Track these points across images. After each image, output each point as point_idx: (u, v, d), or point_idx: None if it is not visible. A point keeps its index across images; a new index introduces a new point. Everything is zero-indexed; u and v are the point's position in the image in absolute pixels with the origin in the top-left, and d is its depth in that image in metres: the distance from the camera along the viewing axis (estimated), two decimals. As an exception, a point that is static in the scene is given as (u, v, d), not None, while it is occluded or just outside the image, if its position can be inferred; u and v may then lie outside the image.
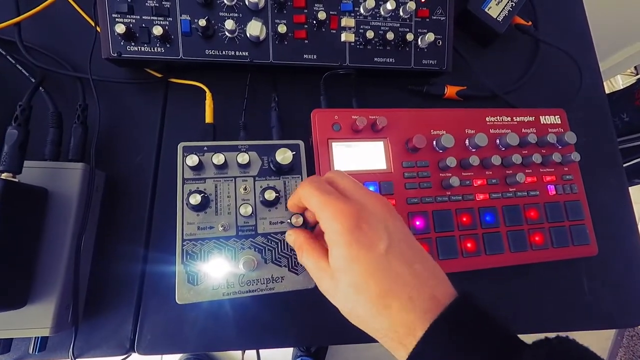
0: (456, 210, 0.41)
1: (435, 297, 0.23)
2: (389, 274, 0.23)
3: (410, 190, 0.40)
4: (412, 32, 0.42)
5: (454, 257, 0.39)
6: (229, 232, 0.34)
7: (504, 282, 0.43)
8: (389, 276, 0.23)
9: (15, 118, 0.30)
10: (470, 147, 0.42)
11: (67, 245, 0.31)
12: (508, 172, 0.43)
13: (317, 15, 0.38)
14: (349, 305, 0.25)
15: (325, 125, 0.40)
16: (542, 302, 0.43)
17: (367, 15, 0.41)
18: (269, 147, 0.37)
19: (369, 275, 0.23)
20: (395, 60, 0.42)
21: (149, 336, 0.35)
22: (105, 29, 0.35)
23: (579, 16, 0.58)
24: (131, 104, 0.41)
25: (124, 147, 0.39)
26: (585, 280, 0.45)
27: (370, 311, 0.23)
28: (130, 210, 0.37)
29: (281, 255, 0.34)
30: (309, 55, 0.40)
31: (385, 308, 0.23)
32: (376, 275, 0.23)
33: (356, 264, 0.23)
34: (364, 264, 0.23)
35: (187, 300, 0.32)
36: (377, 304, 0.23)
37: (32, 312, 0.29)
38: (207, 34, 0.37)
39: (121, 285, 0.35)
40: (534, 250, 0.41)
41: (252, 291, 0.33)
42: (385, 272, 0.23)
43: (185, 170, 0.34)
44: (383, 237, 0.24)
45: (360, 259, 0.23)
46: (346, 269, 0.24)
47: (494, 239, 0.41)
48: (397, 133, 0.41)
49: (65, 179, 0.33)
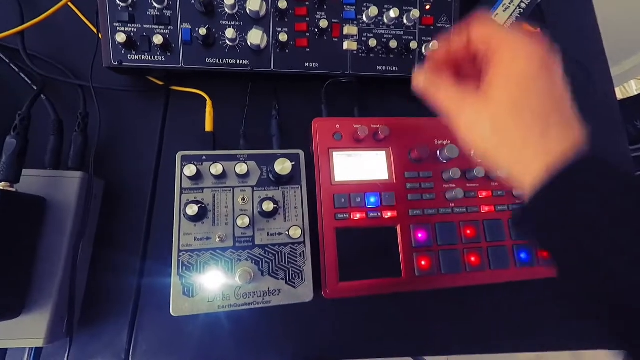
0: (460, 223, 0.40)
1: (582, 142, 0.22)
2: (558, 102, 0.23)
3: (412, 202, 0.39)
4: (416, 40, 0.41)
5: (457, 272, 0.38)
6: (226, 244, 0.33)
7: (507, 298, 0.41)
8: (557, 103, 0.23)
9: (14, 127, 0.30)
10: (475, 158, 0.41)
11: (64, 255, 0.31)
12: (514, 183, 0.41)
13: (319, 23, 0.38)
14: (499, 125, 0.23)
15: (326, 135, 0.39)
16: (545, 318, 0.41)
17: (370, 23, 0.40)
18: (268, 157, 0.36)
19: (540, 95, 0.23)
20: (398, 68, 0.42)
21: (145, 347, 0.34)
22: (107, 37, 0.35)
23: (589, 21, 0.57)
24: (132, 112, 0.41)
25: (124, 155, 0.39)
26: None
27: (524, 132, 0.22)
28: (128, 219, 0.37)
29: (278, 267, 0.34)
30: (311, 64, 0.40)
31: (542, 132, 0.22)
32: (546, 97, 0.23)
33: (532, 82, 0.23)
34: (541, 83, 0.23)
35: (182, 312, 0.31)
36: (535, 125, 0.22)
37: (27, 322, 0.29)
38: (208, 43, 0.37)
39: (117, 295, 0.35)
40: (541, 265, 0.40)
41: (249, 304, 0.32)
42: (556, 98, 0.23)
43: (184, 180, 0.34)
44: (560, 73, 0.23)
45: (540, 77, 0.23)
46: (517, 84, 0.23)
47: (499, 253, 0.39)
48: (399, 143, 0.40)
49: (64, 188, 0.33)
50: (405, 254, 0.38)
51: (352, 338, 0.38)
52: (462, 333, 0.40)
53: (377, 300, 0.39)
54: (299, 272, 0.34)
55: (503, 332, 0.40)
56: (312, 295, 0.34)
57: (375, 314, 0.39)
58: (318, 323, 0.37)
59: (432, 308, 0.40)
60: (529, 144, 0.23)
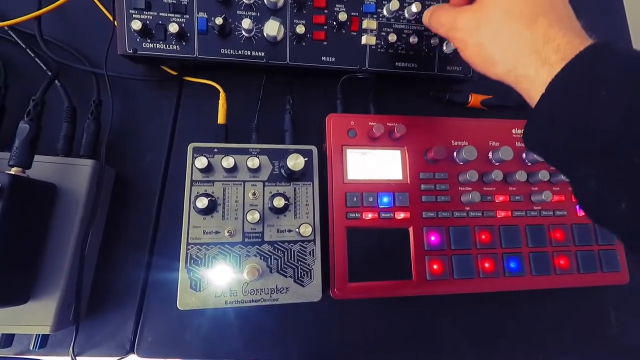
0: (475, 228, 0.38)
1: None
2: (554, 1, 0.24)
3: (426, 204, 0.38)
4: (437, 37, 0.39)
5: (470, 277, 0.37)
6: (234, 238, 0.33)
7: (519, 307, 0.40)
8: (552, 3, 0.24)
9: (28, 112, 0.30)
10: (493, 161, 0.40)
11: (73, 242, 0.31)
12: (533, 189, 0.40)
13: (337, 16, 0.37)
14: (494, 27, 0.25)
15: (340, 131, 0.38)
16: (561, 331, 0.40)
17: (391, 17, 0.39)
18: (281, 152, 0.35)
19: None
20: (417, 65, 0.40)
21: (150, 339, 0.34)
22: (122, 24, 0.35)
23: (618, 19, 0.54)
24: (145, 101, 0.40)
25: (136, 144, 0.39)
26: (612, 310, 0.41)
27: (517, 27, 0.23)
28: (138, 209, 0.37)
29: (287, 265, 0.33)
30: (327, 58, 0.39)
31: (533, 22, 0.23)
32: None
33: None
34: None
35: (188, 306, 0.31)
36: (526, 19, 0.23)
37: (35, 308, 0.29)
38: (224, 33, 0.36)
39: (124, 285, 0.35)
40: (557, 274, 0.38)
41: (256, 301, 0.32)
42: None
43: (194, 172, 0.33)
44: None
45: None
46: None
47: (514, 260, 0.38)
48: (415, 142, 0.39)
49: (75, 175, 0.32)
50: (416, 257, 0.37)
51: (358, 342, 0.37)
52: (472, 340, 0.39)
53: (385, 304, 0.38)
54: (308, 271, 0.33)
55: (516, 342, 0.39)
56: (320, 294, 0.33)
57: (383, 318, 0.38)
58: (330, 322, 0.37)
59: (443, 314, 0.39)
60: (525, 43, 0.23)
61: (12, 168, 0.28)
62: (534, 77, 0.23)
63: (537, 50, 0.22)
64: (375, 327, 0.38)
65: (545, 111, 0.22)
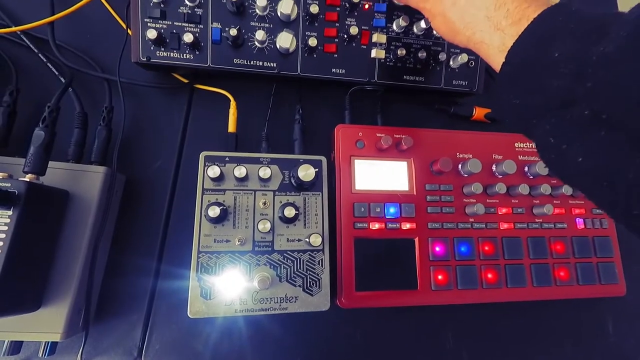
0: (478, 239, 0.39)
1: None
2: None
3: (431, 215, 0.39)
4: (444, 52, 0.40)
5: (473, 288, 0.38)
6: (245, 247, 0.33)
7: (519, 317, 0.41)
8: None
9: (43, 119, 0.30)
10: (496, 174, 0.41)
11: (84, 249, 0.31)
12: (535, 202, 0.41)
13: (348, 29, 0.38)
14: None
15: (348, 142, 0.39)
16: (560, 341, 0.41)
17: (400, 32, 0.40)
18: (291, 162, 0.36)
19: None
20: (425, 79, 0.41)
21: (158, 346, 0.34)
22: (137, 33, 0.35)
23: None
24: (156, 108, 0.40)
25: (146, 151, 0.39)
26: (611, 321, 0.42)
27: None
28: (147, 216, 0.37)
29: (296, 274, 0.33)
30: (338, 70, 0.39)
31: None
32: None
33: None
34: None
35: (199, 314, 0.31)
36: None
37: (45, 315, 0.29)
38: (237, 43, 0.37)
39: (132, 292, 0.35)
40: (557, 285, 0.39)
41: (265, 310, 0.32)
42: None
43: (206, 181, 0.34)
44: None
45: None
46: None
47: (516, 271, 0.39)
48: (421, 154, 0.40)
49: (87, 182, 0.33)
50: (422, 267, 0.37)
51: (364, 350, 0.37)
52: (472, 352, 0.39)
53: (391, 313, 0.39)
54: (316, 280, 0.34)
55: (516, 352, 0.40)
56: (329, 304, 0.33)
57: (389, 327, 0.38)
58: (340, 332, 0.37)
59: (446, 323, 0.39)
60: (480, 9, 0.24)
61: (27, 175, 0.28)
62: (489, 43, 0.24)
63: (490, 17, 0.24)
64: (381, 336, 0.38)
65: (507, 77, 0.23)
